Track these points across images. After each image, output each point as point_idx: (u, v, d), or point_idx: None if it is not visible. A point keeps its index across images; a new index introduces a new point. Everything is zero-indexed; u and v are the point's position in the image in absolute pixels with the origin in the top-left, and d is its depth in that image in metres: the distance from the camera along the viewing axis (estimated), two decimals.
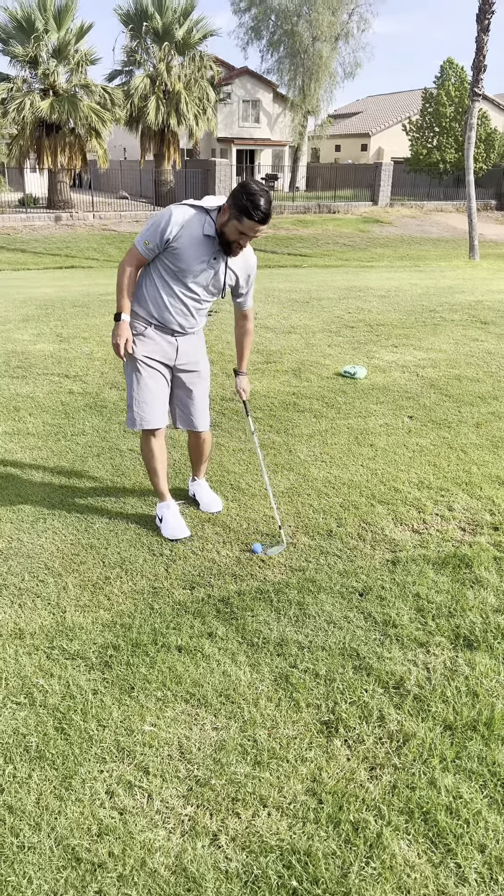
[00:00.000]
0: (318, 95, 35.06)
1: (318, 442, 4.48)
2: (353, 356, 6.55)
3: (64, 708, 2.24)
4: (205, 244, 2.94)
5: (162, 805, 1.92)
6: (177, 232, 2.90)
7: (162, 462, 3.34)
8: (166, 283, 3.04)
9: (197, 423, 3.37)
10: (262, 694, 2.33)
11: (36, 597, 2.84)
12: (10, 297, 9.95)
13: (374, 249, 21.78)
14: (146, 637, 2.59)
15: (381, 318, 8.28)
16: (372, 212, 27.18)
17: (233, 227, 2.83)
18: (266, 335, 7.38)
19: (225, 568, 3.07)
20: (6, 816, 1.87)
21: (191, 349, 3.24)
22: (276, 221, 24.97)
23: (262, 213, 2.74)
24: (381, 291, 10.54)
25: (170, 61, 24.97)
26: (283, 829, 1.85)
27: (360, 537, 3.33)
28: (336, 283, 11.86)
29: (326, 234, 23.56)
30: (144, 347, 3.13)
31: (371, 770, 2.05)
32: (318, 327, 7.81)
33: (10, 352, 6.58)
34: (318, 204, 27.42)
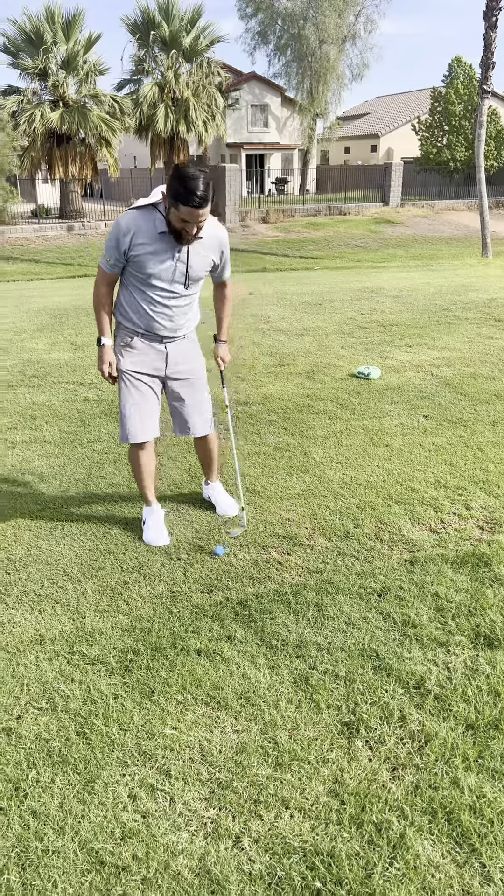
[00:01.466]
0: (327, 98, 35.11)
1: (333, 443, 4.47)
2: (366, 357, 6.54)
3: (85, 713, 2.26)
4: (163, 241, 2.84)
5: (184, 808, 1.93)
6: (130, 240, 2.83)
7: (148, 472, 3.35)
8: (141, 291, 2.98)
9: (193, 430, 3.34)
10: (282, 696, 2.33)
11: (56, 603, 2.86)
12: (25, 307, 10.04)
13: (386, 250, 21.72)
14: (165, 641, 2.60)
15: (395, 318, 8.26)
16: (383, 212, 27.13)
17: (174, 216, 2.73)
18: (279, 338, 7.39)
19: (242, 571, 3.07)
20: (30, 821, 1.88)
21: (181, 356, 3.18)
22: (287, 225, 24.99)
23: (197, 197, 2.62)
24: (394, 291, 10.51)
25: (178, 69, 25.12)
26: (306, 830, 1.85)
27: (377, 538, 3.32)
28: (348, 285, 11.84)
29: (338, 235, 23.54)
30: (131, 360, 3.11)
31: (393, 770, 2.04)
32: (332, 329, 7.81)
33: (26, 361, 6.64)
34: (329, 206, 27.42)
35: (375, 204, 28.00)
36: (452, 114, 32.26)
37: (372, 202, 28.20)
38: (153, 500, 3.43)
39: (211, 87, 25.71)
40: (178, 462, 4.20)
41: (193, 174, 2.61)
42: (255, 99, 36.76)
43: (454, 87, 32.28)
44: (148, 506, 3.42)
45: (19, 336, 7.84)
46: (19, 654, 2.54)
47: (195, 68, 25.63)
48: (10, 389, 5.74)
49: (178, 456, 4.28)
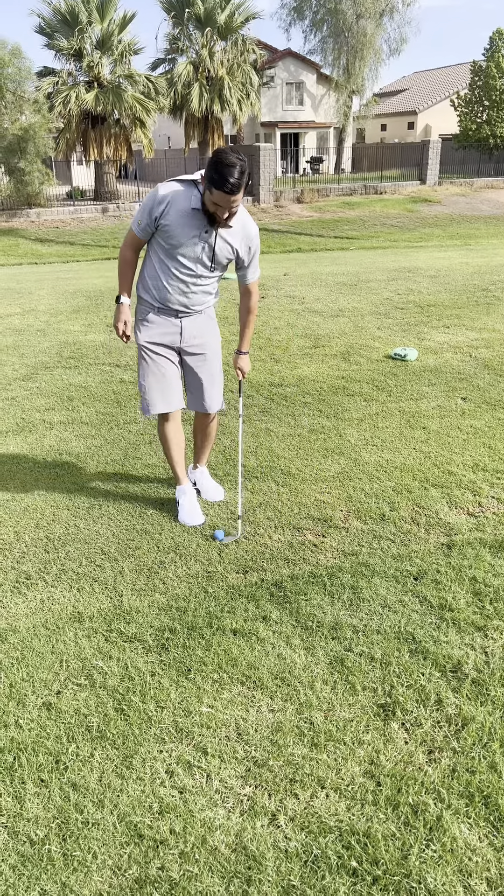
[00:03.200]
0: (363, 74, 34.38)
1: (368, 426, 4.44)
2: (403, 338, 6.45)
3: (123, 689, 2.29)
4: (194, 217, 2.86)
5: (221, 785, 1.95)
6: (164, 208, 2.86)
7: (177, 445, 3.35)
8: (162, 262, 3.00)
9: (207, 405, 3.33)
10: (317, 677, 2.33)
11: (94, 581, 2.90)
12: (61, 289, 10.12)
13: (423, 229, 21.34)
14: (201, 620, 2.62)
15: (432, 299, 8.13)
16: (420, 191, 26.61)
17: (208, 199, 2.77)
18: (314, 319, 7.33)
19: (277, 552, 3.08)
20: (70, 793, 1.92)
21: (196, 330, 3.19)
22: (322, 204, 24.69)
23: (230, 184, 2.65)
24: (431, 271, 10.34)
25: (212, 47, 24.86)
26: (342, 810, 1.86)
27: (413, 521, 3.29)
28: (384, 265, 11.68)
29: (373, 215, 23.18)
30: (148, 333, 3.13)
31: (429, 753, 2.03)
32: (367, 310, 7.72)
33: (63, 343, 6.70)
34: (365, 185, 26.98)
35: (412, 182, 27.48)
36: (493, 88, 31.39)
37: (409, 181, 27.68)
38: (184, 478, 3.43)
39: (245, 65, 25.38)
40: (214, 444, 4.20)
41: (230, 161, 2.65)
42: (290, 76, 36.24)
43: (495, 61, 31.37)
44: (180, 485, 3.44)
45: (56, 318, 7.91)
46: (59, 630, 2.58)
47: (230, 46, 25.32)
48: (48, 371, 5.81)
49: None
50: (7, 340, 6.90)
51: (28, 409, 4.91)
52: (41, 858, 1.75)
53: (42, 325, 7.53)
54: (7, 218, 21.94)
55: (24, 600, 2.78)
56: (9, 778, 1.97)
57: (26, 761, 2.02)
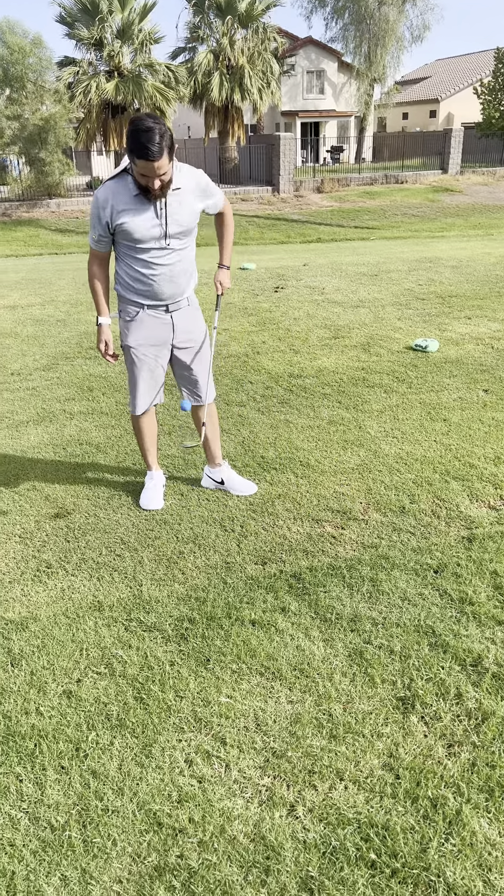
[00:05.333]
0: (385, 62, 33.97)
1: (388, 417, 4.41)
2: (424, 329, 6.39)
3: (142, 678, 2.30)
4: (140, 202, 2.79)
5: (239, 775, 1.95)
6: (109, 210, 2.80)
7: (151, 436, 3.43)
8: (136, 259, 2.94)
9: (203, 397, 3.34)
10: (336, 669, 2.33)
11: (113, 570, 2.91)
12: (81, 279, 10.14)
13: (445, 219, 21.11)
14: (220, 611, 2.62)
15: (454, 290, 8.05)
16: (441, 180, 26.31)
17: (136, 173, 2.68)
18: (334, 310, 7.29)
19: (296, 544, 3.07)
20: (90, 780, 1.94)
21: (188, 324, 3.16)
22: (342, 194, 24.51)
23: (150, 150, 2.55)
24: (453, 262, 10.24)
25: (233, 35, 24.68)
26: (361, 802, 1.86)
27: (434, 514, 3.27)
28: (405, 255, 11.58)
29: (394, 205, 22.97)
30: (137, 335, 3.10)
31: (449, 747, 2.02)
32: (388, 300, 7.66)
33: (83, 333, 6.72)
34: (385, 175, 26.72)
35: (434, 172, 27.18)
36: None
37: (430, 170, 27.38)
38: (154, 465, 3.53)
39: (266, 54, 25.17)
40: (233, 435, 4.20)
41: (147, 126, 2.55)
42: (310, 65, 35.93)
43: None
44: (150, 471, 3.52)
45: (76, 308, 7.94)
46: (79, 619, 2.60)
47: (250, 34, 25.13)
48: (68, 361, 5.83)
49: (230, 429, 4.29)
50: (28, 331, 6.94)
51: (49, 399, 4.93)
52: (61, 844, 1.77)
53: (62, 316, 7.56)
54: (27, 208, 22.03)
55: (45, 589, 2.80)
56: (30, 764, 1.99)
57: (47, 748, 2.04)
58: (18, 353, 6.15)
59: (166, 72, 23.54)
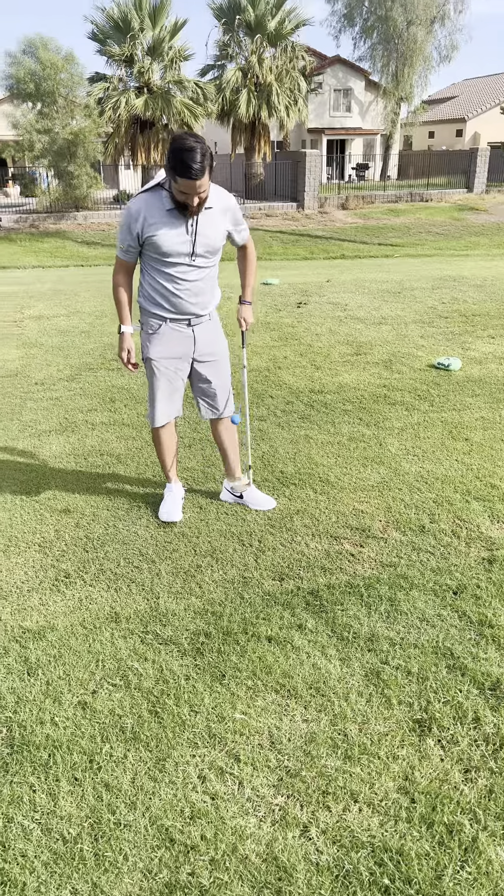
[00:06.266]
0: (412, 81, 34.11)
1: (410, 435, 4.39)
2: (447, 347, 6.37)
3: (158, 692, 2.30)
4: (172, 217, 2.83)
5: (253, 793, 1.94)
6: (142, 222, 2.84)
7: (170, 449, 3.43)
8: (161, 272, 2.98)
9: (222, 410, 3.36)
10: (352, 688, 2.31)
11: (131, 582, 2.92)
12: (106, 291, 10.25)
13: (469, 238, 21.06)
14: (237, 626, 2.62)
15: (477, 308, 8.02)
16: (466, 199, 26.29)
17: (175, 190, 2.72)
18: (356, 326, 7.29)
19: (314, 561, 3.06)
20: (103, 793, 1.93)
21: (209, 338, 3.20)
22: (367, 211, 24.57)
23: (193, 169, 2.59)
24: (477, 280, 10.21)
25: (261, 53, 24.94)
26: (375, 825, 1.83)
27: (454, 534, 3.24)
28: (429, 273, 11.57)
29: (419, 222, 22.98)
30: (159, 348, 3.13)
31: (466, 773, 1.99)
32: (411, 318, 7.65)
33: (106, 345, 6.78)
34: (410, 192, 26.77)
35: (459, 190, 27.18)
36: None
37: (455, 188, 27.39)
38: (174, 478, 3.53)
39: (294, 72, 25.39)
40: (252, 449, 4.20)
41: (189, 145, 2.58)
42: (338, 83, 36.18)
43: None
44: (169, 483, 3.53)
45: (100, 320, 8.02)
46: (96, 630, 2.61)
47: (279, 53, 25.38)
48: (91, 372, 5.88)
49: (251, 443, 4.29)
50: (53, 341, 7.01)
51: (71, 410, 4.98)
52: (73, 857, 1.76)
53: (87, 327, 7.64)
54: (55, 220, 22.33)
55: (63, 598, 2.81)
56: (44, 775, 1.99)
57: (61, 759, 2.04)
58: (43, 363, 6.22)
59: (195, 88, 23.82)
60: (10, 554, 3.14)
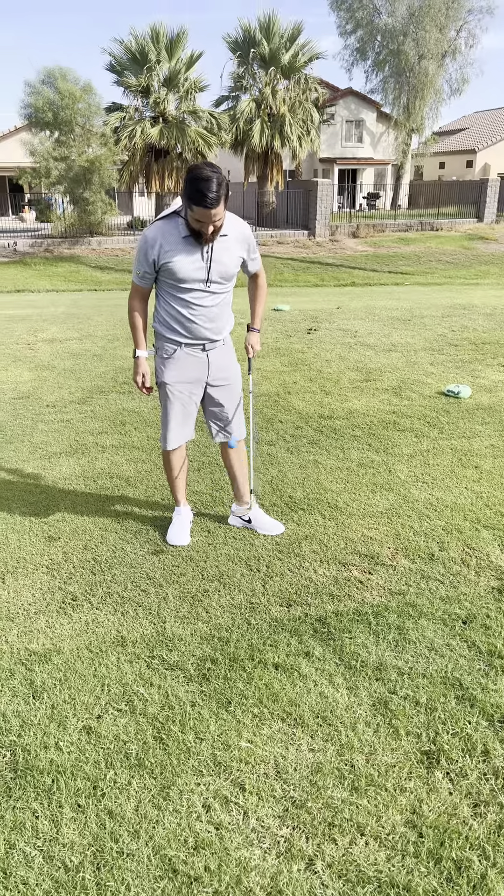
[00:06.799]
0: (423, 113, 34.63)
1: (419, 462, 4.38)
2: (456, 375, 6.38)
3: (163, 718, 2.27)
4: (188, 244, 2.89)
5: (258, 824, 1.91)
6: (158, 249, 2.89)
7: (181, 474, 3.45)
8: (177, 298, 3.02)
9: (234, 433, 3.37)
10: (359, 718, 2.28)
11: (138, 606, 2.90)
12: (119, 315, 10.35)
13: (479, 267, 21.19)
14: (243, 652, 2.60)
15: (487, 337, 8.04)
16: (477, 229, 26.49)
17: (191, 217, 2.77)
18: (366, 353, 7.32)
19: (322, 587, 3.04)
20: (107, 821, 1.91)
21: (222, 362, 3.23)
22: (377, 239, 24.78)
23: (209, 198, 2.64)
24: (487, 309, 10.24)
25: (275, 85, 25.38)
26: (382, 860, 1.80)
27: (463, 562, 3.22)
28: (439, 301, 11.63)
29: (429, 251, 23.15)
30: (173, 373, 3.17)
31: (475, 807, 1.96)
32: (420, 345, 7.67)
33: (118, 368, 6.83)
34: (421, 222, 27.01)
35: (469, 220, 27.41)
36: None
37: (465, 218, 27.62)
38: (183, 501, 3.54)
39: (307, 103, 25.82)
40: (261, 474, 4.21)
41: (206, 175, 2.65)
42: (350, 114, 36.73)
43: None
44: (178, 506, 3.53)
45: (112, 344, 8.08)
46: (101, 654, 2.59)
47: (292, 84, 25.83)
48: (103, 395, 5.92)
49: (259, 467, 4.29)
50: (65, 364, 7.07)
51: (82, 432, 5.00)
52: (75, 886, 1.73)
53: (99, 351, 7.70)
54: (69, 245, 22.64)
55: (70, 621, 2.80)
56: (46, 801, 1.97)
57: (64, 785, 2.02)
58: (55, 385, 6.26)
59: (209, 118, 24.24)
60: (17, 575, 3.14)
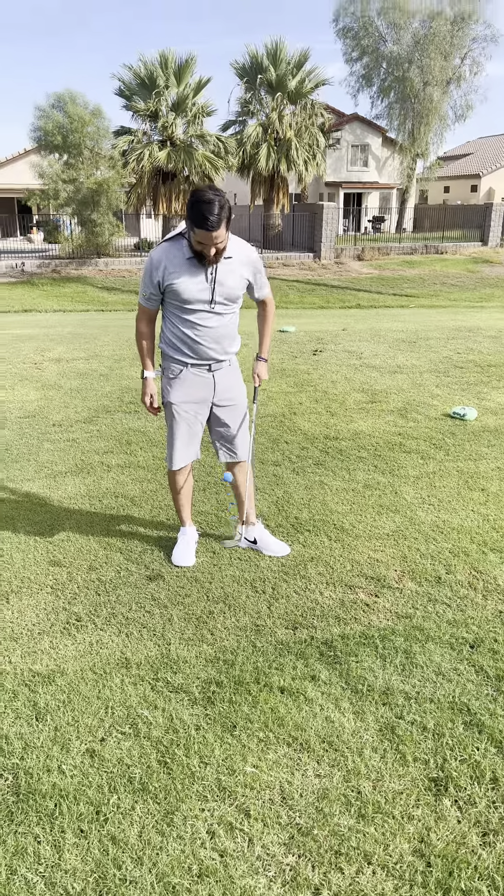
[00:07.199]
0: (428, 138, 35.05)
1: (425, 484, 4.37)
2: (462, 397, 6.38)
3: (167, 741, 2.25)
4: (192, 265, 2.92)
5: (263, 851, 1.88)
6: (162, 271, 2.93)
7: (186, 492, 3.46)
8: (182, 319, 3.05)
9: (238, 454, 3.37)
10: (366, 743, 2.25)
11: (142, 627, 2.89)
12: (125, 336, 10.41)
13: (484, 290, 21.30)
14: (248, 675, 2.57)
15: (493, 359, 8.05)
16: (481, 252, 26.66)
17: (193, 239, 2.82)
18: (371, 374, 7.34)
19: (328, 610, 3.02)
20: (109, 847, 1.88)
21: (228, 383, 3.24)
22: (382, 262, 24.95)
23: (209, 221, 2.68)
24: (493, 332, 10.27)
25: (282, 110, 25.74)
26: (389, 890, 1.76)
27: (470, 586, 3.20)
28: (444, 323, 11.67)
29: (433, 274, 23.28)
30: (179, 392, 3.18)
31: (484, 836, 1.92)
32: (426, 367, 7.69)
33: (124, 388, 6.86)
34: (426, 245, 27.21)
35: (474, 243, 27.59)
36: None
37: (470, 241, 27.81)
38: (188, 521, 3.54)
39: (313, 128, 26.15)
40: (267, 494, 4.20)
41: (208, 199, 2.69)
42: (355, 139, 37.16)
43: None
44: (183, 527, 3.53)
45: (119, 364, 8.12)
46: (105, 675, 2.57)
47: (299, 110, 26.18)
48: (108, 414, 5.94)
49: (265, 488, 4.29)
50: (72, 384, 7.10)
51: (87, 452, 5.01)
52: None
53: (105, 370, 7.73)
54: (77, 266, 22.85)
55: (74, 642, 2.78)
56: (49, 825, 1.94)
57: (67, 809, 1.99)
58: (61, 404, 6.28)
59: (216, 142, 24.55)
60: (22, 595, 3.13)
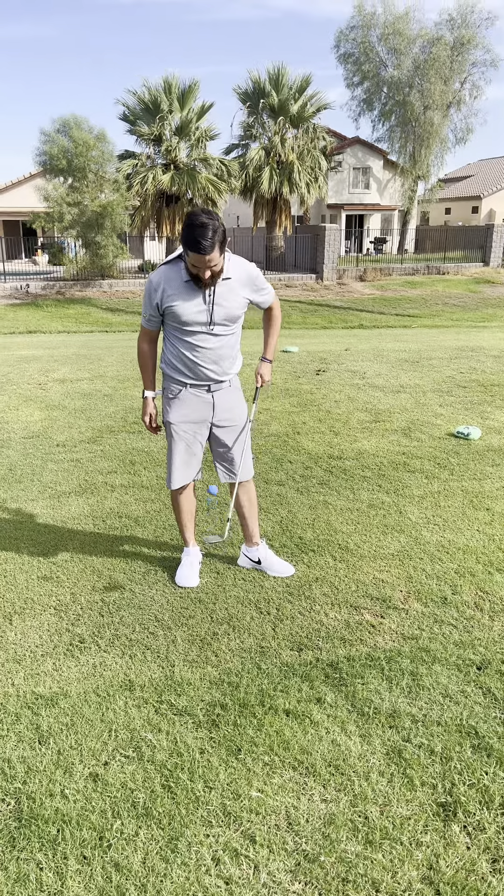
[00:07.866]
0: (429, 161, 35.46)
1: (430, 504, 4.35)
2: (466, 416, 6.38)
3: (171, 765, 2.22)
4: (190, 288, 2.93)
5: (269, 878, 1.84)
6: (161, 293, 2.95)
7: (188, 512, 3.45)
8: (182, 340, 3.06)
9: (239, 475, 3.35)
10: (373, 767, 2.22)
11: (146, 649, 2.86)
12: (129, 356, 10.46)
13: (486, 310, 21.39)
14: (253, 698, 2.54)
15: (496, 379, 8.06)
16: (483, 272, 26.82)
17: (188, 263, 2.84)
18: (374, 394, 7.35)
19: (333, 631, 2.99)
20: (113, 874, 1.85)
21: (227, 404, 3.24)
22: (384, 283, 25.10)
23: (202, 245, 2.70)
24: (495, 351, 10.30)
25: (284, 134, 26.07)
26: None
27: (477, 606, 3.17)
28: (447, 343, 11.70)
29: (435, 294, 23.41)
30: (178, 412, 3.19)
31: (494, 863, 1.89)
32: (429, 387, 7.70)
33: (128, 408, 6.87)
34: (427, 265, 27.40)
35: (475, 264, 27.76)
36: None
37: (471, 262, 27.99)
38: (192, 541, 3.52)
39: (315, 151, 26.47)
40: (271, 514, 4.18)
41: (201, 222, 2.71)
42: (357, 162, 37.58)
43: None
44: (186, 547, 3.52)
45: (123, 384, 8.15)
46: (109, 698, 2.55)
47: (301, 133, 26.52)
48: (112, 434, 5.94)
49: (269, 508, 4.27)
50: (76, 404, 7.12)
51: (91, 472, 5.00)
52: None
53: (109, 391, 7.76)
54: (81, 287, 23.04)
55: (77, 664, 2.76)
56: (51, 851, 1.91)
57: (70, 835, 1.96)
58: (65, 425, 6.30)
59: (219, 165, 24.84)
60: (25, 616, 3.11)
